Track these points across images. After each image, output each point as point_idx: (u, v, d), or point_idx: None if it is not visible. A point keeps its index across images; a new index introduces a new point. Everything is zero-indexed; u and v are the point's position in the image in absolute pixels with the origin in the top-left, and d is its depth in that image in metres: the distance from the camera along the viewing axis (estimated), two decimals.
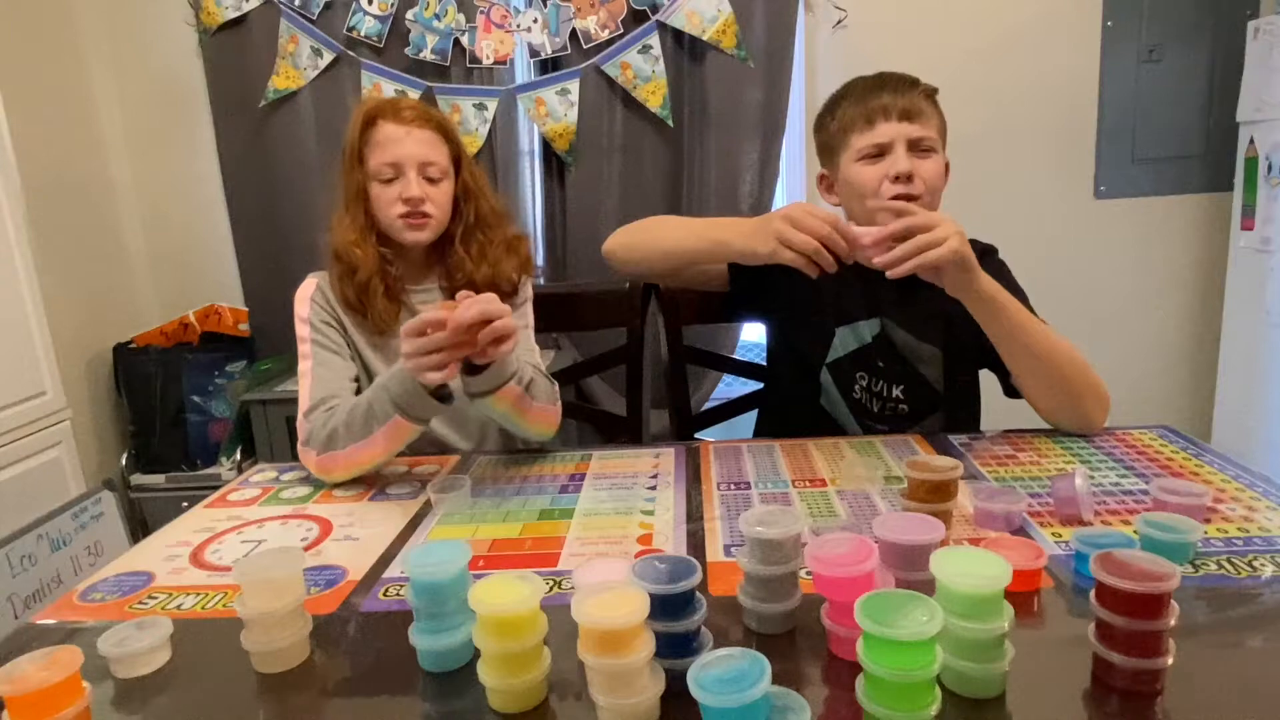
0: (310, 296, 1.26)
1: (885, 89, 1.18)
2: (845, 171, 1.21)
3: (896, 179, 1.15)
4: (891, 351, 1.24)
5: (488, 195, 1.32)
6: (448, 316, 0.94)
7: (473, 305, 0.94)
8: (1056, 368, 1.08)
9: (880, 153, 1.17)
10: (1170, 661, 0.57)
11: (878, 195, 1.16)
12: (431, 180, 1.24)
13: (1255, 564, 0.74)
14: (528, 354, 1.25)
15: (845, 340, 1.26)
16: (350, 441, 1.05)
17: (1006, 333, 1.08)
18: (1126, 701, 0.57)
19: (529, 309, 1.34)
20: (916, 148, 1.16)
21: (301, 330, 1.24)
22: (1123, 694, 0.57)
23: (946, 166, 1.23)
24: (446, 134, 1.27)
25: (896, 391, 1.24)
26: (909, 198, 1.15)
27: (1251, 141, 2.16)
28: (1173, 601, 0.56)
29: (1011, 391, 1.21)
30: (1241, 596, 0.70)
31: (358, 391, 1.25)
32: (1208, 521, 0.82)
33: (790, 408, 1.30)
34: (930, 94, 1.21)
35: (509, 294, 1.31)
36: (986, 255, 1.23)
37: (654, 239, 1.28)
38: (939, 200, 1.20)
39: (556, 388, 1.21)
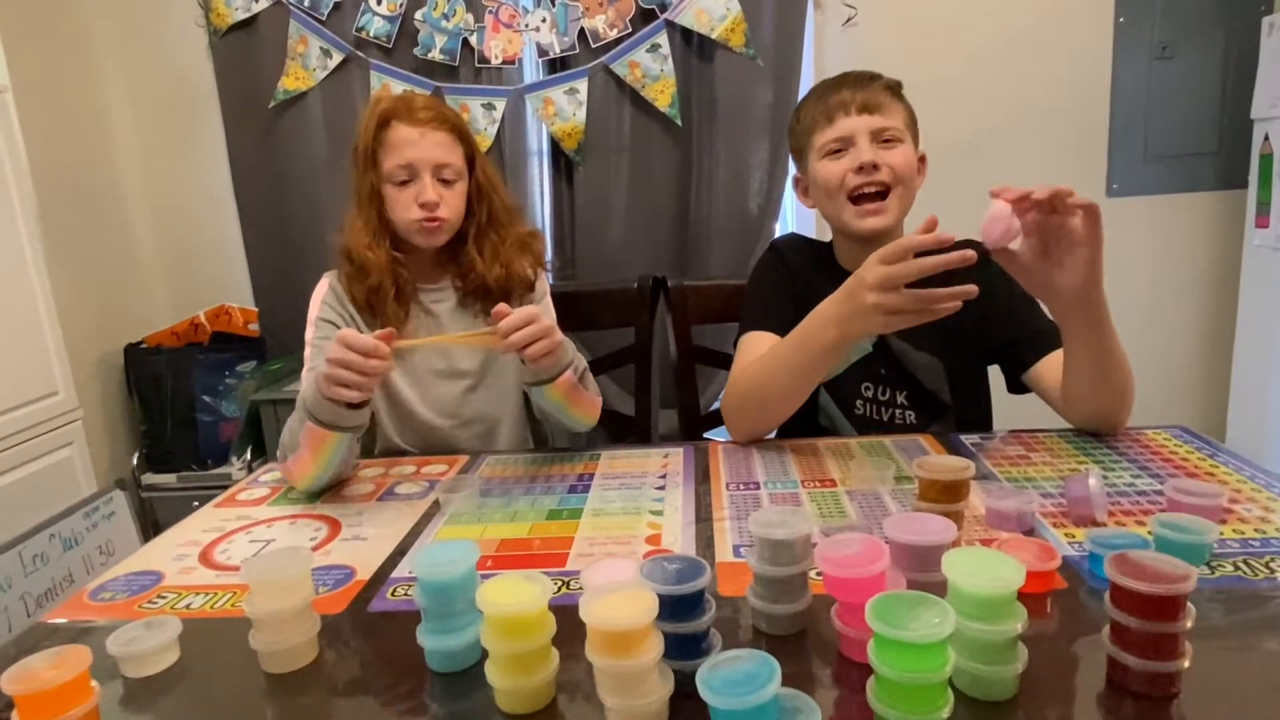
0: (323, 298, 1.27)
1: (844, 85, 1.17)
2: (812, 170, 1.20)
3: (861, 169, 1.13)
4: (893, 360, 1.23)
5: (500, 193, 1.33)
6: (377, 346, 0.96)
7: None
8: (1119, 379, 1.04)
9: (843, 147, 1.16)
10: (1186, 664, 0.56)
11: (842, 188, 1.15)
12: (446, 182, 1.24)
13: (1272, 565, 0.73)
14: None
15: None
16: (291, 452, 1.05)
17: (1099, 342, 0.99)
18: (1141, 705, 0.56)
19: (549, 303, 1.35)
20: (879, 138, 1.15)
21: (309, 331, 1.25)
22: (1138, 697, 0.56)
23: (923, 160, 1.21)
24: (461, 134, 1.27)
25: (901, 398, 1.23)
26: (879, 186, 1.14)
27: (1266, 138, 2.14)
28: (1188, 603, 0.55)
29: (1017, 388, 1.19)
30: (1258, 598, 0.69)
31: None
32: (1223, 522, 0.81)
33: (784, 431, 1.22)
34: (892, 87, 1.19)
35: (526, 291, 1.33)
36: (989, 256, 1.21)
37: (767, 400, 1.12)
38: (913, 193, 1.18)
39: (598, 390, 1.25)
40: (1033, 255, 0.95)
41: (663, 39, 2.27)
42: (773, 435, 1.18)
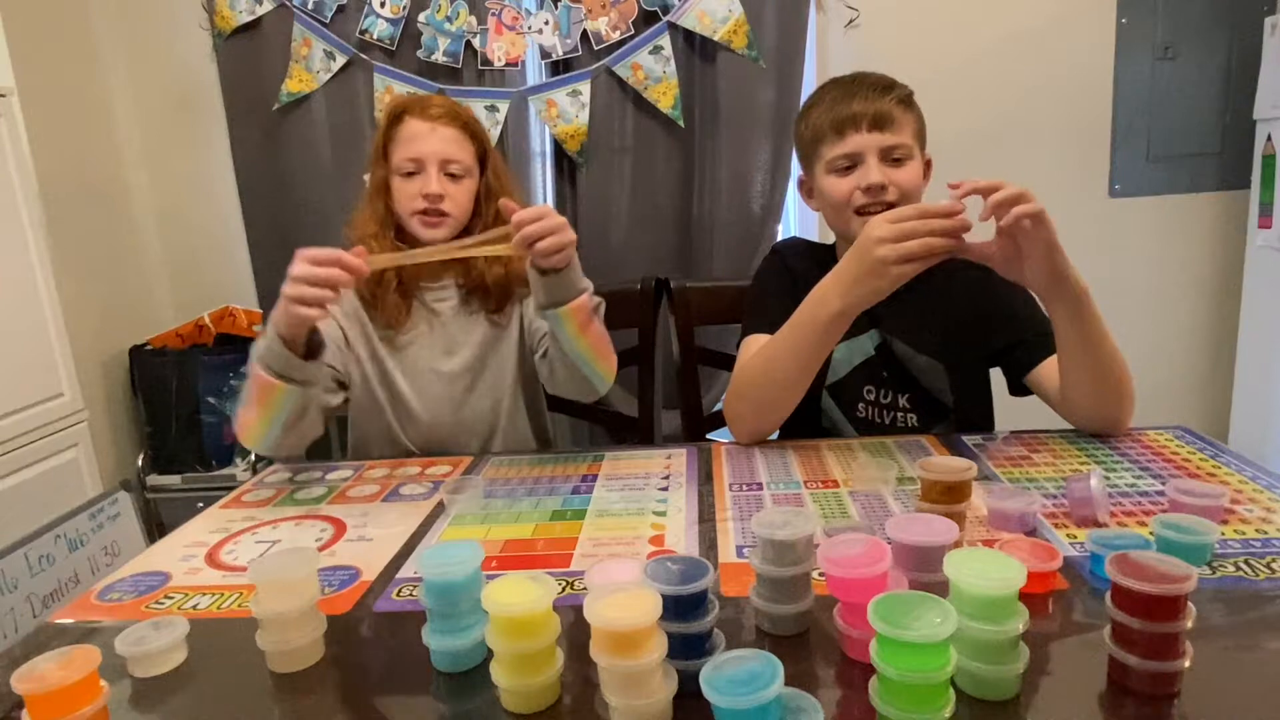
0: None
1: (856, 97, 1.14)
2: (818, 182, 1.19)
3: (869, 189, 1.13)
4: (894, 362, 1.23)
5: (510, 195, 1.33)
6: (339, 257, 0.97)
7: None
8: (1114, 375, 1.04)
9: (852, 164, 1.15)
10: (1187, 664, 0.56)
11: (849, 204, 1.15)
12: (453, 177, 1.26)
13: (1273, 566, 0.74)
14: None
15: (848, 357, 1.23)
16: (243, 404, 1.06)
17: (1085, 335, 1.01)
18: (1142, 704, 0.56)
19: None
20: (888, 157, 1.14)
21: None
22: (1139, 697, 0.57)
23: (929, 165, 1.20)
24: (473, 133, 1.29)
25: (903, 401, 1.23)
26: (885, 206, 1.13)
27: (1269, 139, 2.14)
28: (1189, 603, 0.56)
29: (1019, 390, 1.20)
30: (1259, 599, 0.69)
31: (340, 383, 1.26)
32: (1225, 523, 0.82)
33: (787, 432, 1.22)
34: (905, 99, 1.16)
35: (527, 290, 1.32)
36: None
37: (770, 391, 1.12)
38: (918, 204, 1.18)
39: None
40: (1000, 251, 0.98)
41: (665, 41, 2.27)
42: (775, 437, 1.18)
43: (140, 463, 2.46)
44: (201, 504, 1.08)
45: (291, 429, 1.07)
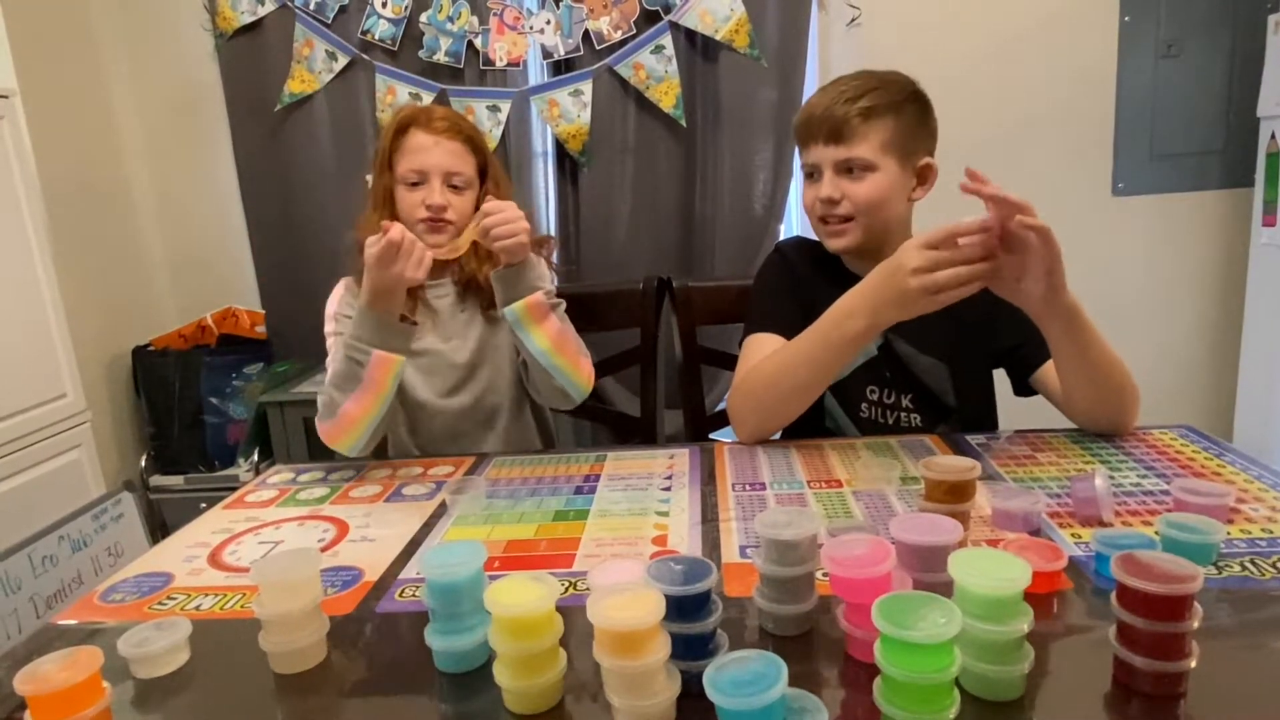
0: (340, 297, 1.34)
1: (821, 105, 1.14)
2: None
3: (825, 201, 1.15)
4: (897, 362, 1.22)
5: None
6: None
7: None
8: (1113, 380, 1.04)
9: (814, 172, 1.17)
10: (1193, 664, 0.56)
11: (813, 214, 1.18)
12: (455, 189, 1.31)
13: (1279, 566, 0.73)
14: None
15: None
16: (345, 398, 1.12)
17: (1082, 349, 1.01)
18: (1148, 705, 0.56)
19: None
20: (843, 169, 1.14)
21: (327, 327, 1.32)
22: (1144, 697, 0.56)
23: (926, 169, 1.17)
24: (475, 145, 1.34)
25: (906, 401, 1.22)
26: (840, 219, 1.15)
27: (1273, 136, 2.14)
28: (1195, 603, 0.55)
29: (1024, 390, 1.19)
30: (1265, 598, 0.69)
31: None
32: (1230, 522, 0.81)
33: (790, 432, 1.21)
34: (868, 111, 1.11)
35: None
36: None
37: (782, 396, 1.11)
38: (883, 218, 1.15)
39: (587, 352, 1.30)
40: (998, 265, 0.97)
41: (667, 40, 2.27)
42: (777, 436, 1.18)
43: (143, 463, 2.46)
44: (204, 505, 1.08)
45: (389, 415, 1.16)
